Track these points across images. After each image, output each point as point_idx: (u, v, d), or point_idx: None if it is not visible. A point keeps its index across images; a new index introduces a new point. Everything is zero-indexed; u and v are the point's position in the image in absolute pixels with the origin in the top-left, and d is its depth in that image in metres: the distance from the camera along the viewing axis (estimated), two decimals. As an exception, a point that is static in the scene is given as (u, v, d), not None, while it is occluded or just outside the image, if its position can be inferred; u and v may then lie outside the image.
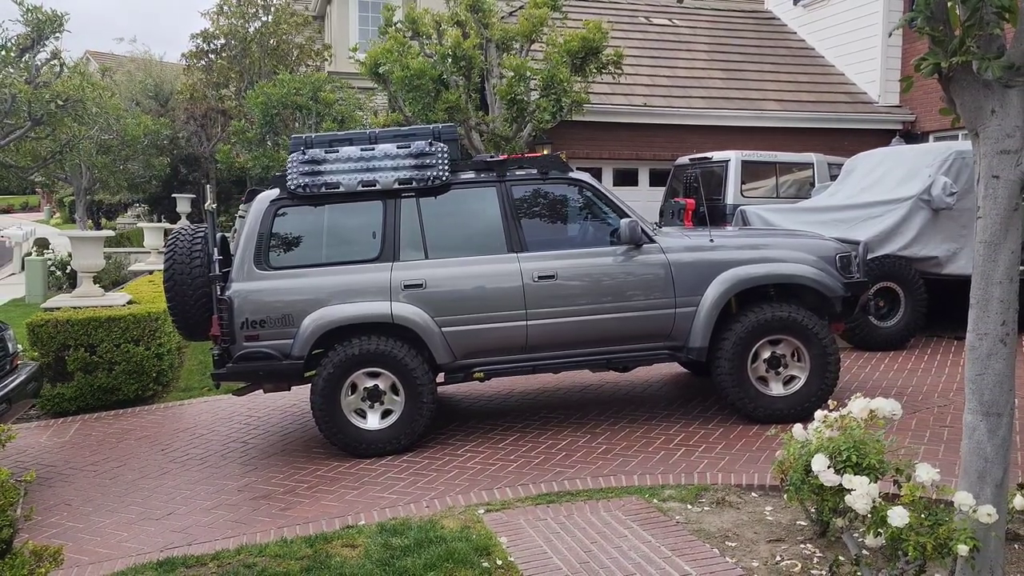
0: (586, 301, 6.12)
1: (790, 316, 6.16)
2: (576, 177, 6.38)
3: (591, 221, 6.40)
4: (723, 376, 6.19)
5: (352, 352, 5.96)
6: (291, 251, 6.16)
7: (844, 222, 8.98)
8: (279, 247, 6.13)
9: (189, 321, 6.19)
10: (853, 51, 15.26)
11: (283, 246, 6.15)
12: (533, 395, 7.61)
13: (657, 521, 4.60)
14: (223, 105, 20.80)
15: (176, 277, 6.11)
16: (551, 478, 5.39)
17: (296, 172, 6.08)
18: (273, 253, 6.09)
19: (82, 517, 5.35)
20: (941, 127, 14.08)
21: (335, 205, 6.17)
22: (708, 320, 6.15)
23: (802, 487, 3.74)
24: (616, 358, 6.29)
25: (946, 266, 8.89)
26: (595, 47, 10.19)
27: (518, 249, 6.16)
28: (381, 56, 10.16)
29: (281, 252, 6.13)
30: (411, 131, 6.36)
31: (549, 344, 6.17)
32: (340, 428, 6.03)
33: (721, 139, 13.17)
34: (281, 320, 5.98)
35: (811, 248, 6.43)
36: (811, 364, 6.21)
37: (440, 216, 6.22)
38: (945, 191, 8.71)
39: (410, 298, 6.02)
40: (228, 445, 6.70)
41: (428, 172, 6.11)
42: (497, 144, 10.28)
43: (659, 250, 6.22)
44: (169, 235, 6.39)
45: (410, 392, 6.02)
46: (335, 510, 5.12)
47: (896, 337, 8.85)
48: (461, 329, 6.05)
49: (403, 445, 6.07)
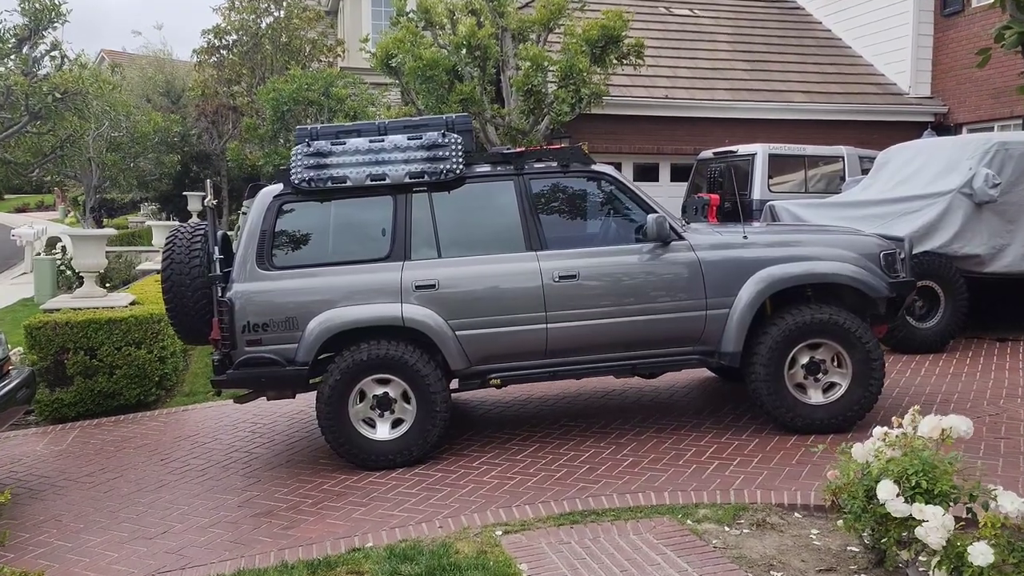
0: (610, 302, 5.71)
1: (830, 318, 5.71)
2: (599, 170, 5.96)
3: (615, 217, 5.99)
4: (758, 383, 5.76)
5: (360, 357, 5.58)
6: (296, 250, 5.79)
7: (879, 218, 8.51)
8: (283, 245, 5.75)
9: (188, 324, 5.83)
10: (882, 40, 14.73)
11: (287, 244, 5.77)
12: (552, 401, 7.20)
13: (692, 546, 4.19)
14: (235, 102, 20.51)
15: (174, 278, 5.75)
16: (574, 495, 4.98)
17: (300, 166, 5.70)
18: (276, 252, 5.72)
19: (71, 535, 4.99)
20: (975, 119, 13.53)
21: (342, 200, 5.79)
22: (742, 323, 5.72)
23: (863, 515, 3.32)
24: (643, 364, 5.88)
25: (989, 264, 8.40)
26: (615, 36, 9.75)
27: (537, 247, 5.76)
28: (393, 47, 9.76)
29: (285, 251, 5.75)
30: (423, 121, 5.96)
31: (570, 349, 5.76)
32: (348, 439, 5.64)
33: (745, 132, 12.68)
34: (285, 323, 5.61)
35: (852, 245, 5.98)
36: (853, 370, 5.77)
37: (454, 212, 5.83)
38: (988, 183, 8.22)
39: (422, 300, 5.63)
40: (231, 455, 6.34)
41: (441, 165, 5.71)
42: (513, 138, 9.87)
43: (688, 248, 5.80)
44: (168, 233, 6.03)
45: (422, 400, 5.63)
46: (341, 529, 4.73)
47: (935, 339, 8.37)
48: (476, 333, 5.66)
49: (415, 457, 5.69)
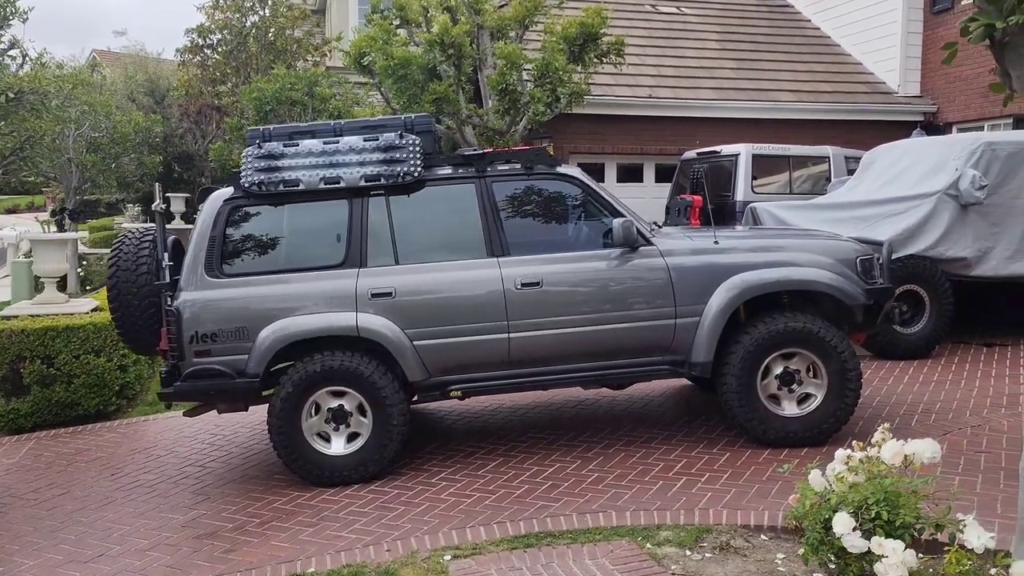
0: (575, 311, 5.46)
1: (805, 327, 5.47)
2: (564, 172, 5.72)
3: (581, 221, 5.75)
4: (729, 394, 5.52)
5: (313, 369, 5.34)
6: (247, 256, 5.54)
7: (863, 220, 8.28)
8: (233, 252, 5.50)
9: (136, 334, 5.58)
10: (871, 38, 14.49)
11: (238, 251, 5.52)
12: (523, 412, 6.96)
13: (650, 572, 3.95)
14: (219, 102, 20.25)
15: (120, 285, 5.50)
16: (532, 514, 4.74)
17: (251, 168, 5.45)
18: (227, 259, 5.47)
19: (4, 558, 4.74)
20: (965, 118, 13.29)
21: (295, 205, 5.55)
22: (713, 331, 5.48)
23: (821, 547, 3.08)
24: (610, 374, 5.64)
25: (975, 267, 8.17)
26: (594, 33, 9.49)
27: (499, 253, 5.51)
28: (364, 45, 9.51)
29: (235, 257, 5.51)
30: (380, 122, 5.72)
31: (534, 359, 5.52)
32: (300, 454, 5.39)
33: (732, 132, 12.44)
34: (235, 333, 5.36)
35: (828, 250, 5.74)
36: (829, 381, 5.53)
37: (412, 216, 5.59)
38: (974, 185, 7.99)
39: (378, 308, 5.39)
40: (184, 469, 6.09)
41: (398, 167, 5.47)
42: (490, 138, 9.62)
43: (657, 253, 5.56)
44: (115, 238, 5.79)
45: (378, 413, 5.39)
46: (284, 553, 4.49)
47: (920, 344, 8.13)
48: (435, 343, 5.42)
49: (371, 473, 5.44)
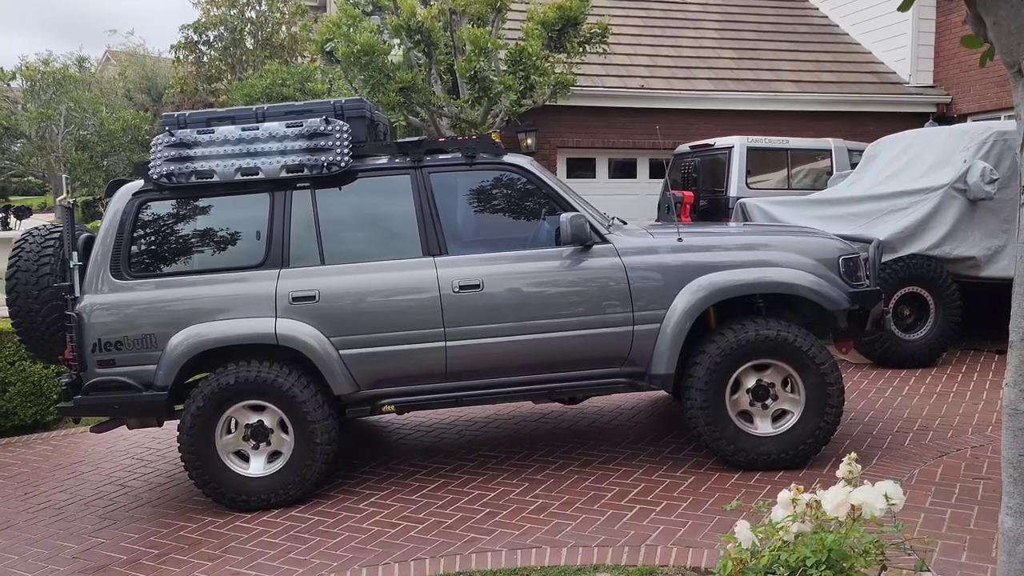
0: (519, 316, 4.87)
1: (779, 335, 4.85)
2: (510, 162, 5.13)
3: (529, 217, 5.16)
4: (695, 411, 4.90)
5: (227, 381, 4.79)
6: (156, 256, 5.01)
7: (862, 216, 7.63)
8: (141, 251, 4.97)
9: (38, 341, 5.06)
10: (881, 27, 13.74)
11: (146, 250, 4.99)
12: (479, 426, 6.37)
13: (573, 627, 3.36)
14: (215, 99, 19.86)
15: (19, 288, 4.97)
16: (458, 549, 4.16)
17: (161, 158, 4.92)
18: (134, 259, 4.94)
19: None
20: (981, 109, 12.52)
21: (211, 199, 5.01)
22: (675, 339, 4.87)
23: (749, 618, 2.47)
24: (561, 387, 5.04)
25: (985, 267, 7.48)
26: (573, 17, 8.89)
27: (436, 252, 4.94)
28: (328, 31, 8.98)
29: (144, 257, 4.97)
30: (306, 107, 5.16)
31: (475, 370, 4.94)
32: (213, 475, 4.85)
33: (732, 124, 11.77)
34: (141, 341, 4.83)
35: (806, 248, 5.10)
36: (807, 395, 4.89)
37: (341, 211, 5.03)
38: (984, 178, 7.30)
39: (300, 314, 4.83)
40: (101, 489, 5.57)
41: (323, 157, 4.90)
42: (463, 129, 9.04)
43: (612, 252, 4.95)
44: (18, 237, 5.28)
45: (300, 430, 4.83)
46: (170, 593, 3.95)
47: (924, 351, 7.46)
48: (364, 352, 4.85)
49: (292, 496, 4.88)
